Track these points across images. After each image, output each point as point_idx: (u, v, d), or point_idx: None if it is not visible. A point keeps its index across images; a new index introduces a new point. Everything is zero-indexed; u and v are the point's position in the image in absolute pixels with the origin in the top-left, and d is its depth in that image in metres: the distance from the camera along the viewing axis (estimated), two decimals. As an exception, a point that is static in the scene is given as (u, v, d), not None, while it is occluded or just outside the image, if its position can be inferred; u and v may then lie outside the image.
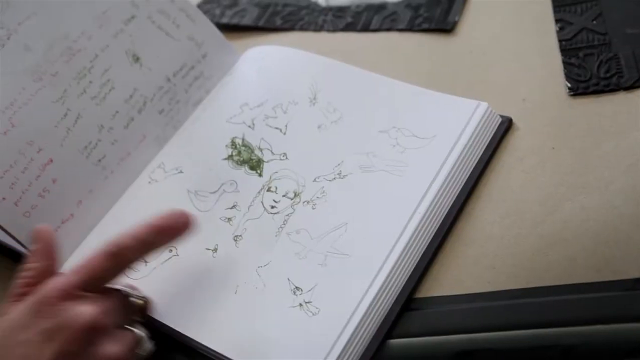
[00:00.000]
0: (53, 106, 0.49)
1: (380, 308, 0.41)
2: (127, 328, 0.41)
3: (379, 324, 0.41)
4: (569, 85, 0.51)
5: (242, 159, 0.50)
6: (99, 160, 0.50)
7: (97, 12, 0.53)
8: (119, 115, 0.52)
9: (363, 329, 0.40)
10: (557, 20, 0.55)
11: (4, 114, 0.47)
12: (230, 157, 0.51)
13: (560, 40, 0.54)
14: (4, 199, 0.46)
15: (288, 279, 0.43)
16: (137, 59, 0.54)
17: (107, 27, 0.53)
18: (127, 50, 0.53)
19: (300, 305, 0.42)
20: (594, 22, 0.54)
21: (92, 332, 0.38)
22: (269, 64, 0.56)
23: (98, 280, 0.40)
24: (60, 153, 0.49)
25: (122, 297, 0.42)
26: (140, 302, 0.43)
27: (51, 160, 0.48)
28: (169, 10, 0.56)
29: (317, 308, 0.41)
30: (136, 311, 0.42)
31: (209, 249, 0.46)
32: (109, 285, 0.41)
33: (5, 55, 0.48)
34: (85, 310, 0.38)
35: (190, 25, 0.57)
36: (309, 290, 0.42)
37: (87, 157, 0.50)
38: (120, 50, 0.53)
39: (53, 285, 0.39)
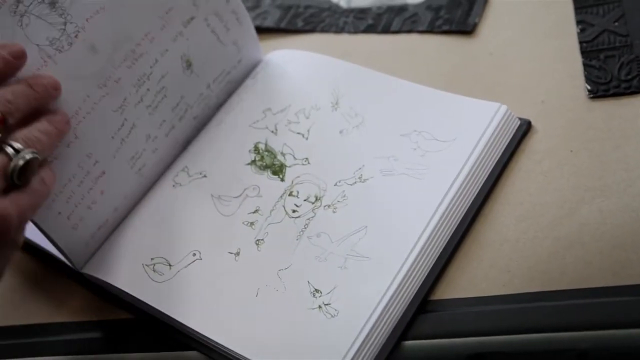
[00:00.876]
0: (113, 115, 0.47)
1: (396, 310, 0.42)
2: None
3: (394, 325, 0.42)
4: (589, 87, 0.51)
5: (264, 164, 0.52)
6: (140, 169, 0.50)
7: (162, 10, 0.49)
8: (165, 124, 0.51)
9: (378, 330, 0.41)
10: (578, 22, 0.55)
11: (72, 123, 0.44)
12: (253, 162, 0.52)
13: (580, 42, 0.54)
14: (59, 213, 0.45)
15: (308, 282, 0.44)
16: (189, 65, 0.51)
17: (169, 28, 0.49)
18: (183, 55, 0.51)
19: (320, 307, 0.43)
20: (616, 23, 0.54)
21: None
22: (292, 68, 0.57)
23: None
24: (112, 165, 0.47)
25: None
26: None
27: (103, 173, 0.47)
28: (222, 12, 0.53)
29: (335, 310, 0.43)
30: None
31: (231, 253, 0.47)
32: None
33: (72, 57, 0.44)
34: None
35: (238, 28, 0.55)
36: (328, 293, 0.44)
37: (131, 167, 0.49)
38: (177, 56, 0.51)
39: None
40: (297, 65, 0.57)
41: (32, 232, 0.46)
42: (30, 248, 0.53)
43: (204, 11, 0.52)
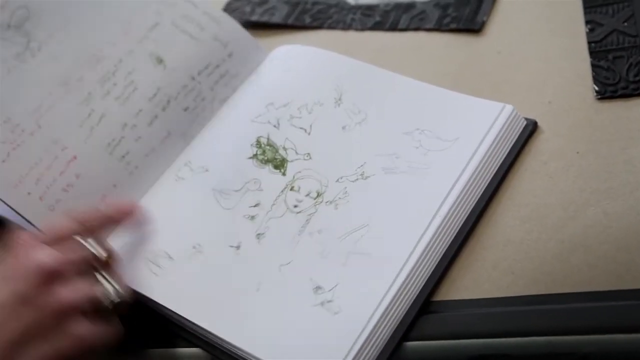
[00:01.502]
0: (78, 108, 0.53)
1: (398, 310, 0.42)
2: (91, 279, 0.43)
3: (396, 326, 0.42)
4: (597, 88, 0.50)
5: (266, 158, 0.51)
6: (123, 156, 0.53)
7: (122, 22, 0.56)
8: (142, 113, 0.54)
9: (380, 330, 0.41)
10: (587, 22, 0.55)
11: (31, 117, 0.51)
12: (255, 156, 0.51)
13: (589, 42, 0.53)
14: (29, 193, 0.49)
15: (310, 278, 0.44)
16: (160, 61, 0.56)
17: (132, 34, 0.56)
18: (151, 54, 0.56)
19: (322, 304, 0.42)
20: (625, 23, 0.53)
21: (46, 276, 0.40)
22: (296, 63, 0.57)
23: (60, 238, 0.43)
24: (84, 150, 0.52)
25: (84, 249, 0.43)
26: (103, 254, 0.44)
27: (75, 157, 0.51)
28: (192, 14, 0.58)
29: (338, 307, 0.42)
30: (100, 264, 0.43)
31: (232, 246, 0.47)
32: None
33: (35, 66, 0.52)
34: (41, 254, 0.41)
35: (215, 26, 0.58)
36: (330, 290, 0.43)
37: (110, 154, 0.52)
38: (144, 54, 0.56)
39: (18, 236, 0.42)
40: (301, 60, 0.57)
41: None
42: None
43: (168, 17, 0.58)
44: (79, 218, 0.45)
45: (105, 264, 0.44)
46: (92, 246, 0.44)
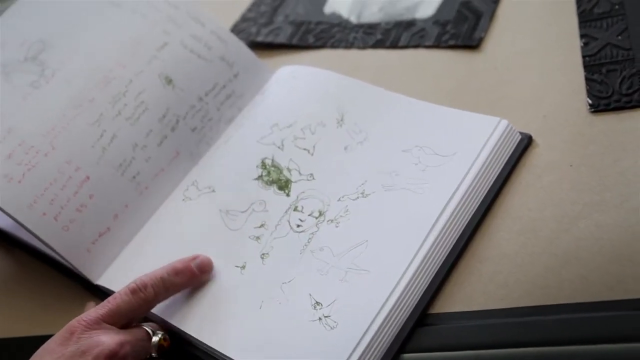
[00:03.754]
0: (90, 128, 0.54)
1: (395, 323, 0.44)
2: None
3: (393, 338, 0.43)
4: (590, 101, 0.51)
5: (271, 179, 0.53)
6: (134, 177, 0.55)
7: (132, 43, 0.57)
8: (152, 133, 0.56)
9: (377, 343, 0.43)
10: (582, 36, 0.56)
11: (45, 138, 0.53)
12: (260, 177, 0.54)
13: (584, 56, 0.54)
14: (44, 214, 0.51)
15: (309, 294, 0.46)
16: (169, 81, 0.57)
17: (141, 55, 0.57)
18: (160, 74, 0.57)
19: (320, 319, 0.44)
20: (619, 37, 0.54)
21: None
22: (299, 84, 0.59)
23: (122, 314, 0.45)
24: (96, 170, 0.53)
25: (144, 332, 0.46)
26: (161, 340, 0.46)
27: (88, 178, 0.53)
28: (200, 34, 0.60)
29: (335, 322, 0.44)
30: (157, 349, 0.46)
31: (237, 266, 0.49)
32: (134, 321, 0.46)
33: (49, 90, 0.55)
34: (106, 339, 0.43)
35: (222, 46, 0.60)
36: (329, 305, 0.45)
37: (122, 174, 0.54)
38: (153, 75, 0.57)
39: (81, 316, 0.44)
40: (304, 81, 0.59)
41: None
42: (50, 261, 0.55)
43: (177, 37, 0.59)
44: (136, 286, 0.46)
45: (161, 348, 0.46)
46: (153, 330, 0.46)
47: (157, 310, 0.48)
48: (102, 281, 0.51)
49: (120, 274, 0.51)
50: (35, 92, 0.55)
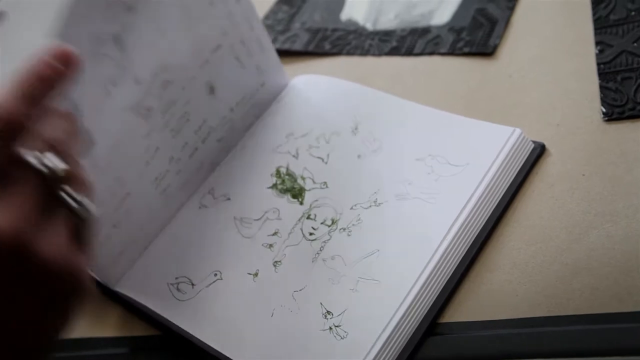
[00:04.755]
0: (142, 141, 0.50)
1: (404, 332, 0.44)
2: (59, 206, 0.33)
3: (402, 347, 0.44)
4: (604, 110, 0.51)
5: (285, 187, 0.54)
6: (164, 190, 0.53)
7: (196, 38, 0.51)
8: (187, 146, 0.53)
9: (386, 352, 0.43)
10: (597, 43, 0.55)
11: (111, 152, 0.47)
12: (274, 185, 0.54)
13: (598, 64, 0.54)
14: None
15: (321, 303, 0.46)
16: (212, 90, 0.54)
17: (198, 56, 0.52)
18: (207, 82, 0.53)
19: (330, 328, 0.45)
20: (635, 44, 0.54)
21: (19, 256, 0.30)
22: (315, 93, 0.59)
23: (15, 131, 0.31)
24: (137, 185, 0.50)
25: (33, 177, 0.32)
26: (60, 171, 0.33)
27: (129, 193, 0.50)
28: (247, 40, 0.55)
29: (345, 332, 0.45)
30: (63, 182, 0.33)
31: (250, 274, 0.50)
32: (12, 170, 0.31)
33: (121, 89, 0.46)
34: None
35: (260, 54, 0.57)
36: (339, 315, 0.46)
37: (155, 188, 0.52)
38: (202, 82, 0.53)
39: None
40: (320, 90, 0.60)
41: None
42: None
43: (230, 39, 0.54)
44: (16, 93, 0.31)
45: (66, 179, 0.33)
46: (44, 163, 0.32)
47: (168, 316, 0.49)
48: (120, 287, 0.52)
49: (138, 280, 0.52)
50: (112, 90, 0.46)
